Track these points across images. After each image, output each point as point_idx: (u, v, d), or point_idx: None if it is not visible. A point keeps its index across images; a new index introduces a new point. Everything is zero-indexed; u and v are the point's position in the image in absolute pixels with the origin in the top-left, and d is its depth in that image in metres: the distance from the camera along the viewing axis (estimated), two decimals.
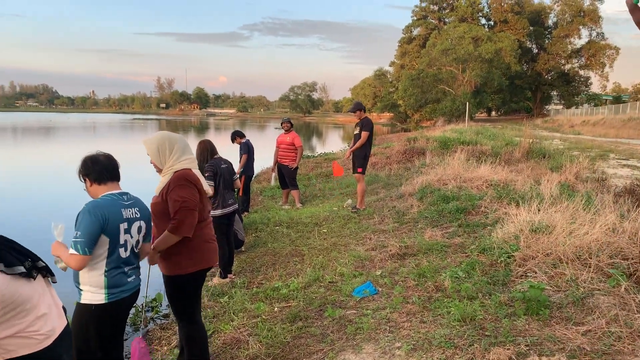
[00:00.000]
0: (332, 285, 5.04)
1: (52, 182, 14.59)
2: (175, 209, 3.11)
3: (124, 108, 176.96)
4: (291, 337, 3.99)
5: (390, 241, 6.30)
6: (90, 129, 52.80)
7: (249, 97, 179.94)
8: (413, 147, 13.85)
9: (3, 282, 1.94)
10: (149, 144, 3.25)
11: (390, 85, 73.68)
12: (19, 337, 2.02)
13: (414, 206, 7.69)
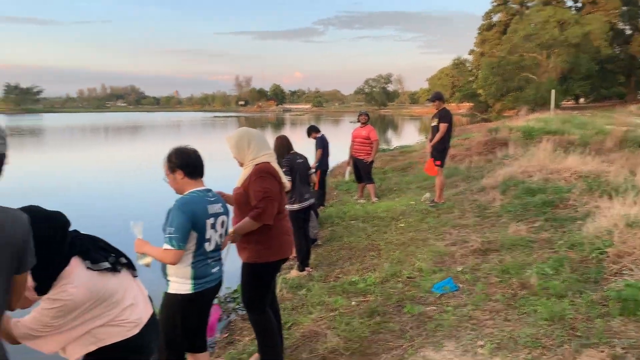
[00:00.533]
0: (410, 281, 4.95)
1: (138, 181, 15.41)
2: (258, 198, 3.22)
3: (205, 106, 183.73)
4: (369, 332, 3.96)
5: (472, 236, 6.10)
6: (175, 127, 55.30)
7: (324, 92, 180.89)
8: (495, 138, 13.31)
9: (91, 277, 2.06)
10: (230, 139, 3.42)
11: (469, 74, 71.39)
12: (109, 326, 2.14)
13: (496, 199, 7.39)
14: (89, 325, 2.10)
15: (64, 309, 2.00)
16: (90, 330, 2.11)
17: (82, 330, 2.09)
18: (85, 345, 2.13)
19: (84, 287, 2.03)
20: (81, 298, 2.02)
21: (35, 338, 2.06)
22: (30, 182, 13.83)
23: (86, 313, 2.07)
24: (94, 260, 2.08)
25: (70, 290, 1.99)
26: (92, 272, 2.07)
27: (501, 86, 45.09)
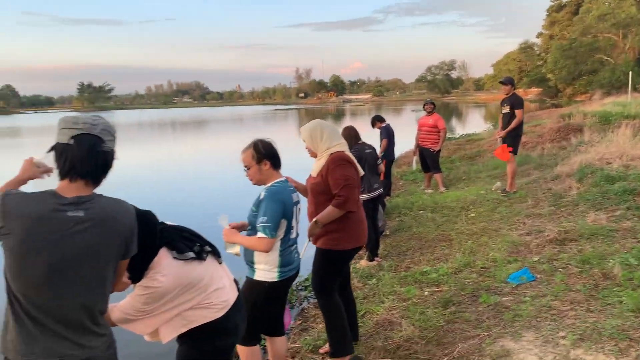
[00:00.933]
0: (484, 271, 4.87)
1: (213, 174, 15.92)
2: (340, 186, 3.26)
3: (266, 100, 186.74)
4: (444, 322, 3.95)
5: (547, 226, 5.93)
6: (239, 121, 56.56)
7: (384, 81, 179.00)
8: (568, 124, 12.73)
9: (178, 266, 2.20)
10: (304, 130, 3.50)
11: (537, 59, 68.41)
12: (197, 309, 2.28)
13: (572, 188, 7.11)
14: (179, 309, 2.25)
15: (154, 295, 2.16)
16: (180, 313, 2.26)
17: (172, 313, 2.25)
18: (176, 327, 2.29)
19: (172, 276, 2.17)
20: (169, 286, 2.17)
21: (129, 321, 2.24)
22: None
23: (175, 299, 2.22)
24: (179, 251, 2.22)
25: (159, 279, 2.14)
26: (179, 262, 2.21)
27: (573, 69, 42.90)
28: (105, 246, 1.85)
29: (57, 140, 1.86)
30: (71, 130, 1.84)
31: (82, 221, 1.78)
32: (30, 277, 1.74)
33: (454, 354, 3.46)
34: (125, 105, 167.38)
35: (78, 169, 1.82)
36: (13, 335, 1.77)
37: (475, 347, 3.49)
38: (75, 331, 1.82)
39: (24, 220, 1.71)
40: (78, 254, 1.78)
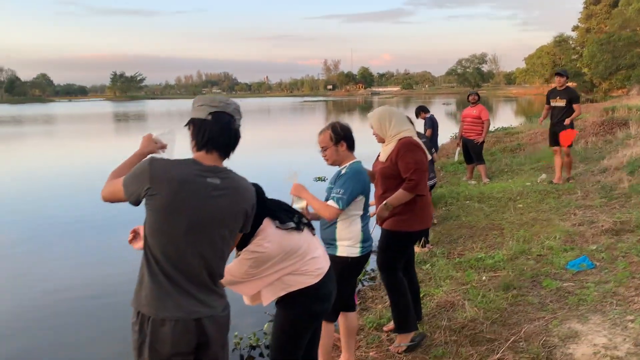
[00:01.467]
0: (541, 258, 4.96)
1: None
2: (411, 170, 3.39)
3: (294, 91, 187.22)
4: (507, 304, 4.06)
5: (600, 217, 5.96)
6: (267, 112, 56.91)
7: (413, 74, 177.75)
8: (612, 118, 12.58)
9: (280, 235, 2.40)
10: (372, 117, 3.62)
11: (573, 52, 66.87)
12: (295, 275, 2.46)
13: (623, 180, 7.10)
14: (279, 274, 2.44)
15: (259, 259, 2.36)
16: (280, 278, 2.45)
17: (273, 277, 2.44)
18: (276, 290, 2.48)
19: (275, 243, 2.36)
20: (273, 252, 2.36)
21: (236, 283, 2.45)
22: None
23: (277, 264, 2.41)
24: (281, 221, 2.40)
25: (265, 245, 2.34)
26: (281, 231, 2.39)
27: (611, 64, 41.88)
28: (233, 215, 2.04)
29: (194, 116, 2.06)
30: (209, 107, 2.04)
31: (218, 188, 1.98)
32: (170, 235, 1.92)
33: (521, 334, 3.57)
34: (155, 95, 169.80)
35: (215, 142, 2.02)
36: (147, 291, 1.95)
37: (542, 328, 3.60)
38: (202, 290, 2.00)
39: (170, 182, 1.89)
40: (212, 217, 1.97)
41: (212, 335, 2.03)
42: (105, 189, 2.10)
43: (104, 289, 5.79)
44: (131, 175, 1.97)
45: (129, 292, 2.06)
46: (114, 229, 7.87)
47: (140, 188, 1.91)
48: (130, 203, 1.99)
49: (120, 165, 2.22)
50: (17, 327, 4.99)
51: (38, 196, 10.98)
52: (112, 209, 7.52)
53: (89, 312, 5.29)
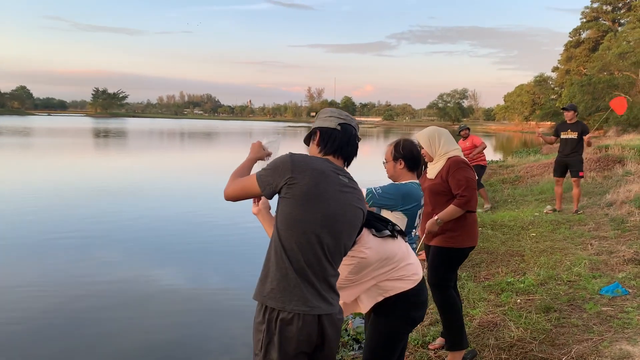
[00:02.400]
0: (572, 284, 5.10)
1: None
2: (462, 187, 3.53)
3: (277, 116, 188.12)
4: (552, 326, 4.17)
5: (618, 247, 6.17)
6: (248, 134, 56.99)
7: (394, 106, 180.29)
8: (608, 155, 13.06)
9: (378, 242, 2.48)
10: (422, 136, 3.74)
11: (552, 92, 68.99)
12: (392, 280, 2.54)
13: (633, 214, 7.36)
14: (377, 279, 2.52)
15: (359, 266, 2.45)
16: (377, 284, 2.53)
17: (371, 283, 2.52)
18: (373, 296, 2.55)
19: (373, 249, 2.46)
20: (372, 258, 2.45)
21: (338, 289, 2.51)
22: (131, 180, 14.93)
23: (374, 270, 2.50)
24: (377, 229, 2.50)
25: (365, 252, 2.43)
26: (378, 239, 2.48)
27: (590, 105, 43.36)
28: (356, 213, 2.15)
29: (323, 125, 2.22)
30: (338, 119, 2.24)
31: (347, 185, 2.11)
32: (306, 224, 1.99)
33: (572, 354, 3.68)
34: (136, 113, 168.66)
35: (342, 150, 2.21)
36: (274, 284, 2.00)
37: (592, 349, 3.71)
38: (325, 286, 2.06)
39: (311, 171, 2.00)
40: (343, 212, 2.07)
41: (329, 336, 2.08)
42: (231, 187, 2.19)
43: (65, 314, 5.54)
44: (268, 169, 2.08)
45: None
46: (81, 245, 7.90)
47: (280, 178, 2.00)
48: (264, 195, 2.09)
49: (237, 168, 2.34)
50: None
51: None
52: (75, 225, 7.55)
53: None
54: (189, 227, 9.32)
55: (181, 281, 6.59)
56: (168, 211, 10.61)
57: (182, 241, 8.30)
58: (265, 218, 2.41)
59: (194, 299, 5.98)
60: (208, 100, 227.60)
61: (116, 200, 11.55)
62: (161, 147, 33.46)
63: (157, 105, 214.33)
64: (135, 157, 24.34)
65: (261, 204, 2.42)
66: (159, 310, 5.64)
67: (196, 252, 7.78)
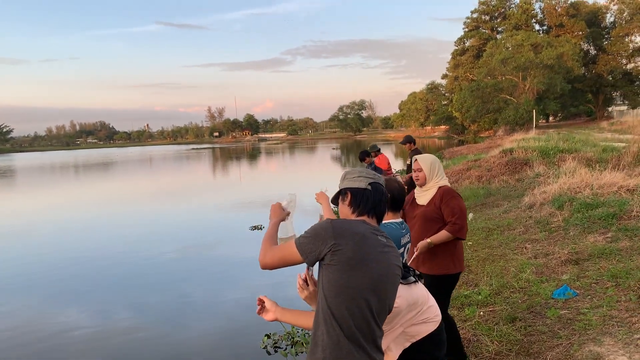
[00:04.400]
0: (524, 291, 5.46)
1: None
2: (456, 215, 3.74)
3: (178, 139, 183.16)
4: (521, 335, 4.45)
5: (551, 249, 6.68)
6: (165, 159, 55.05)
7: (296, 120, 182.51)
8: (514, 158, 14.10)
9: (405, 289, 2.56)
10: (425, 160, 3.96)
11: (443, 98, 73.49)
12: (418, 325, 2.62)
13: (555, 215, 8.01)
14: (404, 326, 2.58)
15: (391, 316, 2.48)
16: (404, 330, 2.59)
17: (399, 331, 2.57)
18: (401, 343, 2.60)
19: (403, 298, 2.52)
20: (402, 306, 2.51)
21: None
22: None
23: (403, 317, 2.55)
24: (403, 277, 2.56)
25: (396, 302, 2.47)
26: (404, 286, 2.56)
27: (481, 108, 46.75)
28: (396, 272, 2.18)
29: (353, 186, 2.26)
30: (367, 179, 2.28)
31: (386, 245, 2.13)
32: (355, 290, 1.99)
33: None
34: (23, 147, 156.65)
35: (376, 209, 2.24)
36: (326, 353, 1.99)
37: (564, 354, 4.00)
38: (374, 348, 2.08)
39: (353, 236, 2.02)
40: (387, 272, 2.09)
41: None
42: (269, 256, 2.17)
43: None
44: (308, 236, 2.06)
45: None
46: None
47: (323, 245, 2.00)
48: (307, 263, 2.07)
49: (266, 236, 2.33)
50: None
51: None
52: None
53: None
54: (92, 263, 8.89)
55: (83, 320, 6.30)
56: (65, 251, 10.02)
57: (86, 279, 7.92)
58: (313, 301, 2.37)
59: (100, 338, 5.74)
60: (102, 127, 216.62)
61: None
62: (54, 181, 31.30)
63: (46, 138, 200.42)
64: (25, 195, 22.55)
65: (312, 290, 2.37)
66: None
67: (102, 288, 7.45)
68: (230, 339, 5.87)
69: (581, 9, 55.56)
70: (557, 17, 54.41)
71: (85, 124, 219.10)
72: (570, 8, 54.90)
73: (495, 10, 60.13)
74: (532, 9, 56.35)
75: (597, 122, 48.11)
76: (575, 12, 54.90)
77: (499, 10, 59.95)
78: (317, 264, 2.09)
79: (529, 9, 56.03)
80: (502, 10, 59.80)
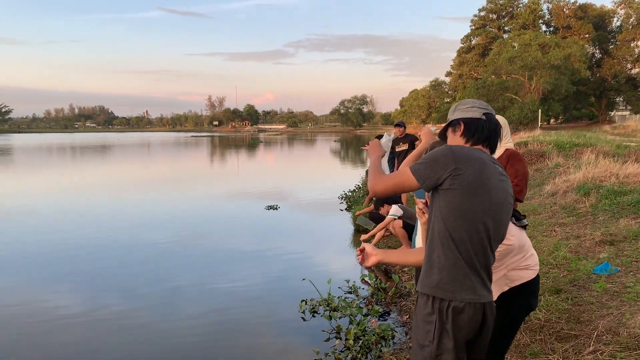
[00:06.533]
0: (563, 267, 5.50)
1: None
2: (519, 177, 3.77)
3: (177, 127, 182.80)
4: (569, 305, 4.49)
5: (582, 231, 6.73)
6: (172, 145, 54.88)
7: (297, 113, 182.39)
8: (531, 150, 14.19)
9: (517, 231, 2.60)
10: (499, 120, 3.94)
11: (447, 95, 73.55)
12: (518, 270, 2.64)
13: (580, 201, 8.06)
14: (506, 269, 2.60)
15: (503, 252, 2.52)
16: (505, 274, 2.60)
17: (502, 273, 2.60)
18: (501, 286, 2.62)
19: (516, 237, 2.55)
20: (515, 245, 2.54)
21: None
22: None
23: (511, 258, 2.58)
24: (517, 218, 2.59)
25: (510, 239, 2.51)
26: (517, 227, 2.58)
27: None
28: (510, 202, 2.19)
29: (466, 116, 2.25)
30: (480, 109, 2.27)
31: (502, 174, 2.13)
32: (474, 214, 2.00)
33: (600, 328, 3.98)
34: (22, 129, 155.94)
35: (490, 139, 2.23)
36: (443, 274, 2.02)
37: (617, 322, 4.04)
38: (487, 275, 2.09)
39: (474, 161, 2.02)
40: (503, 200, 2.10)
41: (489, 323, 2.12)
42: (381, 183, 2.19)
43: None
44: (425, 162, 2.06)
45: None
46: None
47: (442, 171, 2.00)
48: (424, 188, 2.08)
49: (373, 167, 2.34)
50: None
51: None
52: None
53: None
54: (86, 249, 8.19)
55: (77, 306, 5.78)
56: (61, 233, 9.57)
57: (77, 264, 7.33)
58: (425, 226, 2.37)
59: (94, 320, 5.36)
60: (101, 112, 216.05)
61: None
62: (55, 163, 31.18)
63: (44, 120, 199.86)
64: (23, 176, 22.35)
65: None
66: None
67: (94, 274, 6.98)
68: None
69: (589, 12, 55.69)
70: (564, 18, 54.54)
71: (84, 107, 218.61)
72: (578, 10, 55.03)
73: (503, 9, 60.18)
74: (539, 9, 56.45)
75: (600, 126, 48.28)
76: (583, 14, 55.02)
77: (506, 9, 60.01)
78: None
79: (536, 9, 56.10)
80: (509, 10, 59.86)
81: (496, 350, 2.67)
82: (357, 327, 4.64)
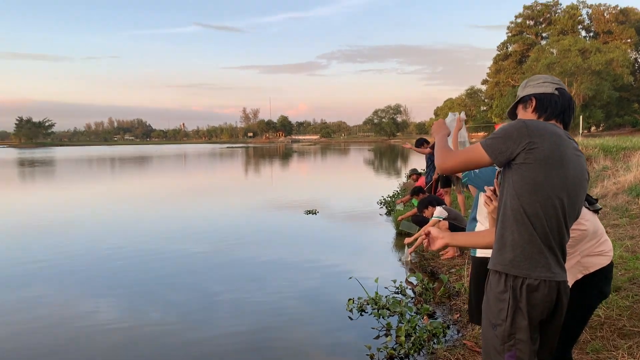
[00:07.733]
0: (620, 266, 5.32)
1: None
2: None
3: (213, 138, 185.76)
4: (630, 302, 4.33)
5: (636, 232, 6.51)
6: (212, 155, 55.82)
7: (330, 123, 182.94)
8: None
9: (591, 215, 2.54)
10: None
11: (483, 104, 72.55)
12: (593, 256, 2.56)
13: (634, 202, 7.80)
14: (580, 255, 2.54)
15: (577, 238, 2.46)
16: (579, 260, 2.53)
17: (576, 259, 2.53)
18: (575, 273, 2.55)
19: (590, 222, 2.51)
20: (589, 230, 2.48)
21: None
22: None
23: (585, 243, 2.50)
24: (590, 202, 2.52)
25: (584, 224, 2.45)
26: (590, 211, 2.52)
27: None
28: (586, 178, 2.11)
29: (538, 92, 2.21)
30: (552, 84, 2.22)
31: (577, 149, 2.07)
32: (550, 189, 1.94)
33: None
34: (63, 142, 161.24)
35: (564, 113, 2.17)
36: (517, 252, 1.97)
37: None
38: (561, 253, 2.03)
39: (550, 135, 1.96)
40: (580, 176, 2.03)
41: (563, 303, 2.05)
42: (450, 160, 2.17)
43: None
44: (497, 137, 2.02)
45: None
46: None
47: (516, 145, 1.95)
48: (496, 163, 2.03)
49: (440, 145, 2.29)
50: None
51: None
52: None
53: None
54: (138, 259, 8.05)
55: (116, 313, 5.62)
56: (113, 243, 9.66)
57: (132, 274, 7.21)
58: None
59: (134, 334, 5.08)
60: (139, 125, 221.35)
61: (55, 237, 10.29)
62: (96, 174, 32.01)
63: (85, 133, 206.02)
64: (66, 187, 22.93)
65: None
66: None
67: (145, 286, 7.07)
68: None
69: (630, 16, 54.18)
70: (605, 23, 53.23)
71: (123, 121, 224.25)
72: (620, 14, 53.63)
73: (541, 15, 59.11)
74: (579, 14, 55.24)
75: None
76: (625, 18, 53.57)
77: (544, 16, 58.92)
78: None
79: (575, 14, 54.94)
80: (547, 16, 58.75)
81: (568, 336, 2.59)
82: (407, 324, 4.59)
